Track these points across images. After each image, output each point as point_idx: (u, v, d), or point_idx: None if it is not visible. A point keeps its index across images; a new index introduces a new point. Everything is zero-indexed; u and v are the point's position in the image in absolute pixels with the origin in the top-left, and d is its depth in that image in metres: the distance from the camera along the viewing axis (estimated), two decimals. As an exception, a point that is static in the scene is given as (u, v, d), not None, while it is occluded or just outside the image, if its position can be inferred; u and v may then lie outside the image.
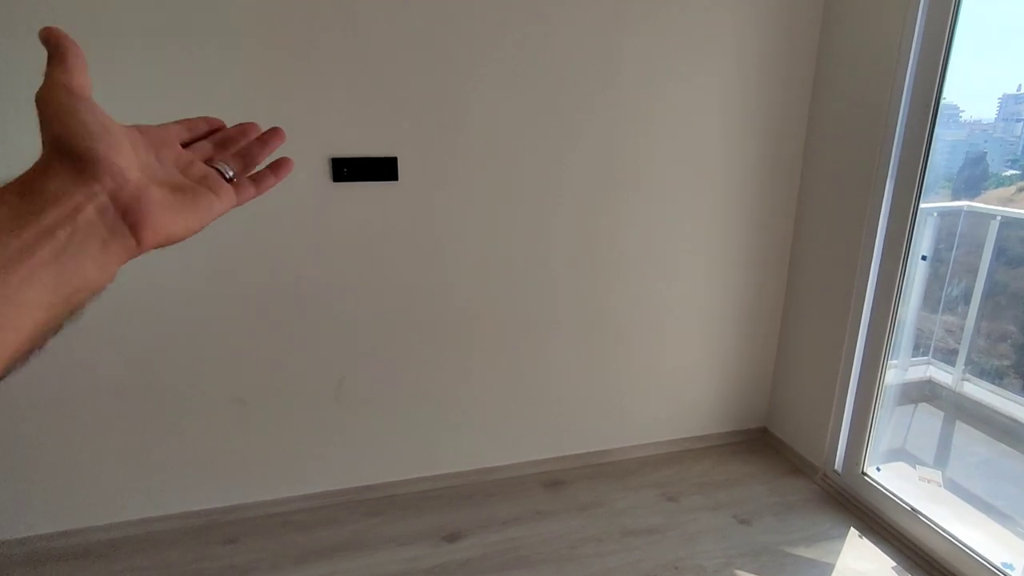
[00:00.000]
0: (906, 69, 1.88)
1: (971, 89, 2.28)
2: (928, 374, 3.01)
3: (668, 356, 2.54)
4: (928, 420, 2.90)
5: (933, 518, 1.98)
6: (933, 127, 1.86)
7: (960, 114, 2.45)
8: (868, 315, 2.13)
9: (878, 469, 2.21)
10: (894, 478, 2.17)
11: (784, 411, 2.63)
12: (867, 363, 2.16)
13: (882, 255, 2.06)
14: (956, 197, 2.72)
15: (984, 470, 2.53)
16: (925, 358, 3.07)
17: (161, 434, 2.07)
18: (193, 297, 1.96)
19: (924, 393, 2.99)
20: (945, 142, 2.51)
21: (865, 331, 2.15)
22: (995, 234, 2.71)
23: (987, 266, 2.76)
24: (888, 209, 2.01)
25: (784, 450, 2.61)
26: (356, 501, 2.31)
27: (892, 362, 3.08)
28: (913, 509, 2.03)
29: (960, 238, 2.88)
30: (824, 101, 2.25)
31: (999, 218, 2.70)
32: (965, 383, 2.89)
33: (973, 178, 2.72)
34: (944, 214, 2.87)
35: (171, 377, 2.02)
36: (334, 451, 2.26)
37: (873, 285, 2.10)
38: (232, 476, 2.18)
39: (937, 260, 2.94)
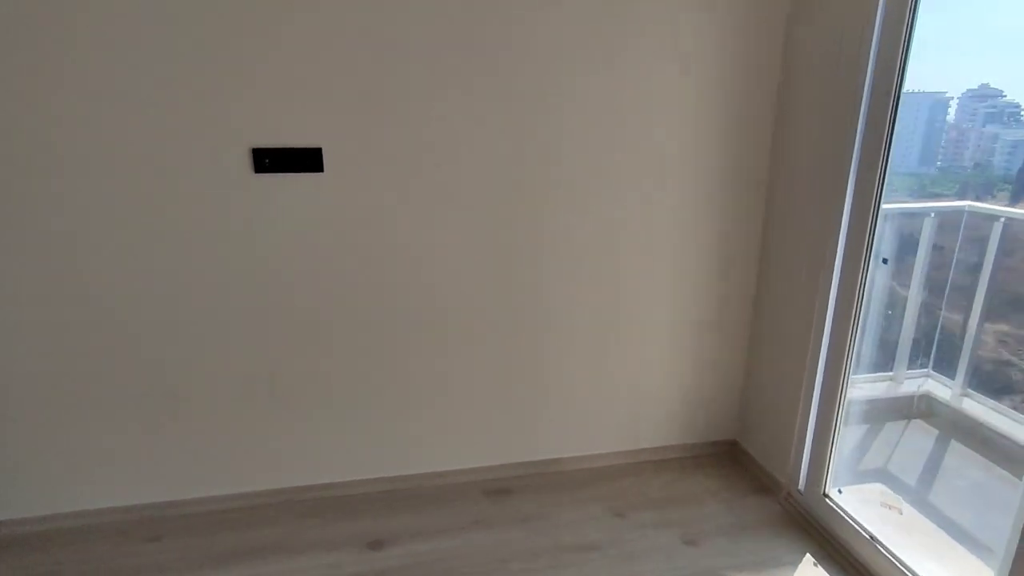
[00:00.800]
0: (867, 64, 1.70)
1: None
2: (925, 388, 2.77)
3: (630, 361, 2.39)
4: (920, 439, 2.67)
5: (893, 548, 1.80)
6: (892, 125, 1.68)
7: (1023, 113, 2.25)
8: (830, 325, 1.95)
9: (839, 491, 2.02)
10: (856, 502, 1.98)
11: (754, 424, 2.45)
12: (828, 375, 1.98)
13: (843, 261, 1.87)
14: (1015, 200, 2.49)
15: (972, 496, 2.30)
16: (924, 370, 2.83)
17: (95, 429, 2.05)
18: (121, 292, 1.93)
19: (920, 409, 2.75)
20: (1006, 142, 2.32)
21: (827, 342, 1.97)
22: (999, 236, 2.47)
23: (989, 270, 2.52)
24: (849, 211, 1.83)
25: (752, 466, 2.44)
26: (294, 501, 2.26)
27: (887, 374, 2.87)
28: (872, 537, 1.85)
29: (962, 240, 2.64)
30: (791, 97, 2.06)
31: (1003, 219, 2.46)
32: (965, 399, 2.65)
33: (1034, 180, 2.49)
34: (944, 215, 2.64)
35: (104, 372, 2.00)
36: (271, 449, 2.21)
37: (835, 293, 1.91)
38: (166, 472, 2.15)
39: (936, 265, 2.71)
